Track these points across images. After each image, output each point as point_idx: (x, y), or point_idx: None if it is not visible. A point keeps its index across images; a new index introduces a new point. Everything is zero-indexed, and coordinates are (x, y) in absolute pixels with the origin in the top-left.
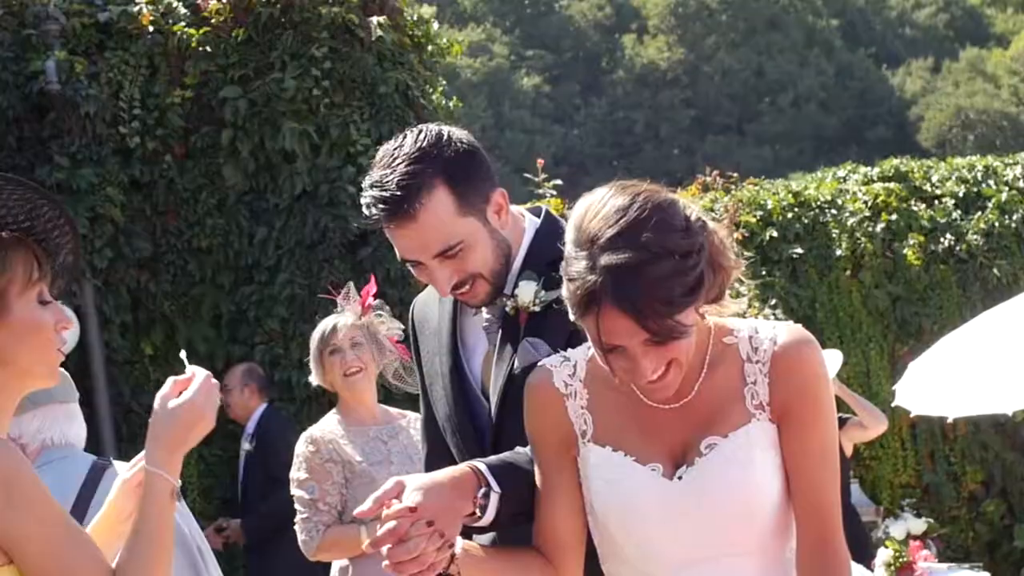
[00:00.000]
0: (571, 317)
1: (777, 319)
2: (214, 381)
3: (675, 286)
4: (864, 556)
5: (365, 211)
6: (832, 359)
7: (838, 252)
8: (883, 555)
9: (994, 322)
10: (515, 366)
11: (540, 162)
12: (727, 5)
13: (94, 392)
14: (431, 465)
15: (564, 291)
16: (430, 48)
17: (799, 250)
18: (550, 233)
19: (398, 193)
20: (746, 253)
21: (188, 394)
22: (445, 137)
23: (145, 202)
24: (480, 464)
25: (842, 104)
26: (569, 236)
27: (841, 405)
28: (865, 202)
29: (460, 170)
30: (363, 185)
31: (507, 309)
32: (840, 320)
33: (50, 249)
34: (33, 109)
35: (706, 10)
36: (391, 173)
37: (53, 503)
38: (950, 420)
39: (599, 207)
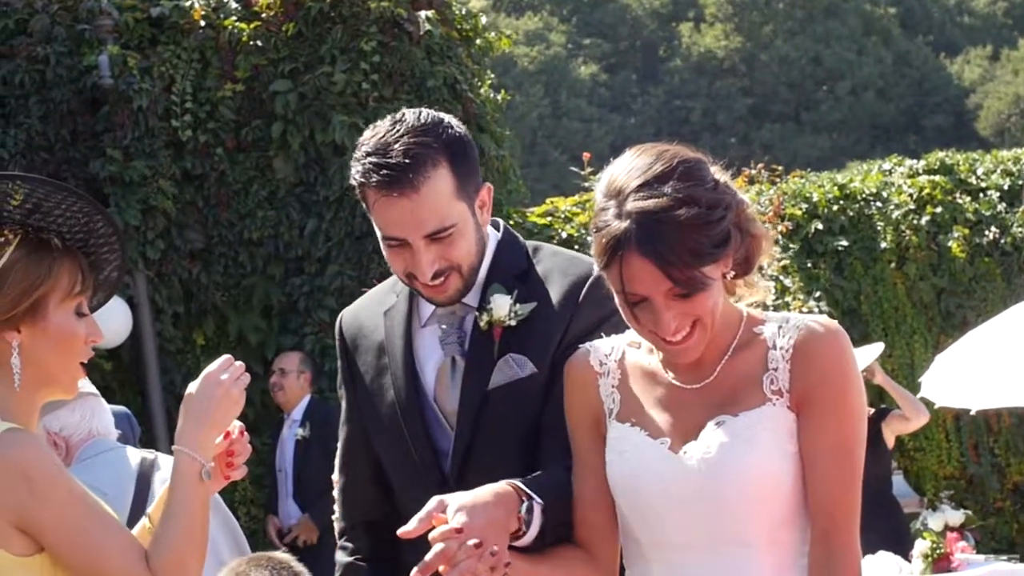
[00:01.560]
0: (595, 269)
1: (821, 311)
2: (238, 363)
3: (700, 236)
4: (904, 547)
5: (359, 178)
6: (871, 350)
7: (883, 244)
8: (920, 546)
9: (1021, 316)
10: (492, 384)
11: (587, 156)
12: None
13: (147, 381)
14: (352, 495)
15: (592, 246)
16: (478, 42)
17: (844, 242)
18: (511, 246)
19: (405, 161)
20: (791, 245)
21: (205, 371)
22: (446, 120)
23: (197, 194)
24: (516, 480)
25: (900, 92)
26: (599, 191)
27: (886, 398)
28: (910, 195)
29: (460, 153)
30: (356, 155)
31: (480, 323)
32: (885, 312)
33: (97, 264)
34: (87, 103)
35: None
36: (396, 143)
37: (77, 490)
38: (973, 412)
39: (628, 164)
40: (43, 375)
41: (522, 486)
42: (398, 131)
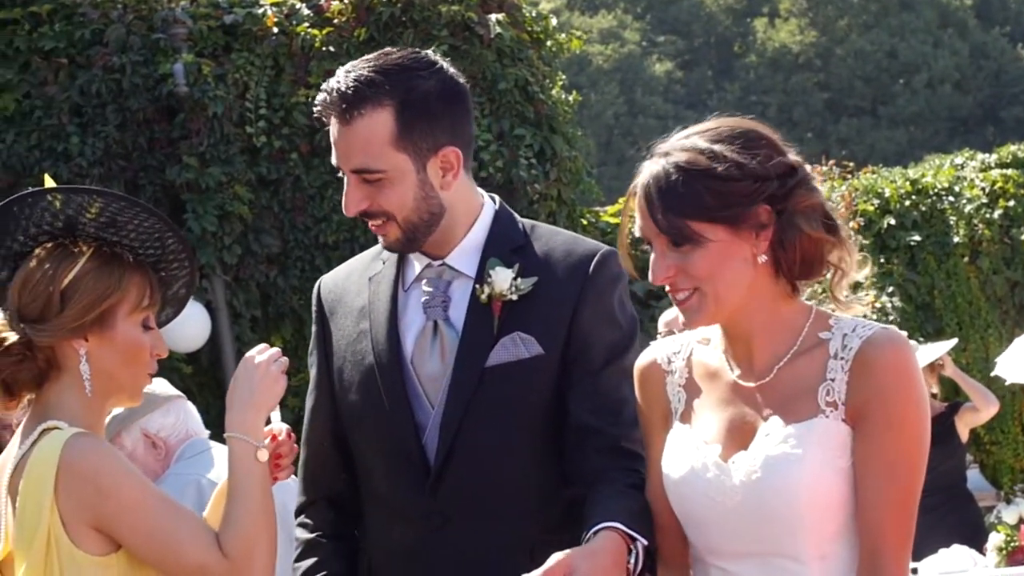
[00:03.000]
0: (600, 250)
1: (895, 306)
2: (275, 349)
3: (695, 186)
4: (979, 541)
5: (319, 96)
6: (943, 345)
7: (956, 239)
8: (994, 539)
9: None
10: (491, 360)
11: None
12: None
13: (226, 384)
14: (314, 470)
15: None
16: (549, 43)
17: (917, 237)
18: (508, 220)
19: (346, 91)
20: (864, 241)
21: (243, 358)
22: (434, 68)
23: (272, 199)
24: (614, 523)
25: (977, 84)
26: None
27: (961, 393)
28: (983, 188)
29: (422, 106)
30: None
31: (480, 297)
32: (958, 306)
33: (167, 280)
34: (162, 111)
35: None
36: (356, 71)
37: (145, 485)
38: None
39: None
40: (110, 384)
41: (624, 529)
42: (369, 63)
